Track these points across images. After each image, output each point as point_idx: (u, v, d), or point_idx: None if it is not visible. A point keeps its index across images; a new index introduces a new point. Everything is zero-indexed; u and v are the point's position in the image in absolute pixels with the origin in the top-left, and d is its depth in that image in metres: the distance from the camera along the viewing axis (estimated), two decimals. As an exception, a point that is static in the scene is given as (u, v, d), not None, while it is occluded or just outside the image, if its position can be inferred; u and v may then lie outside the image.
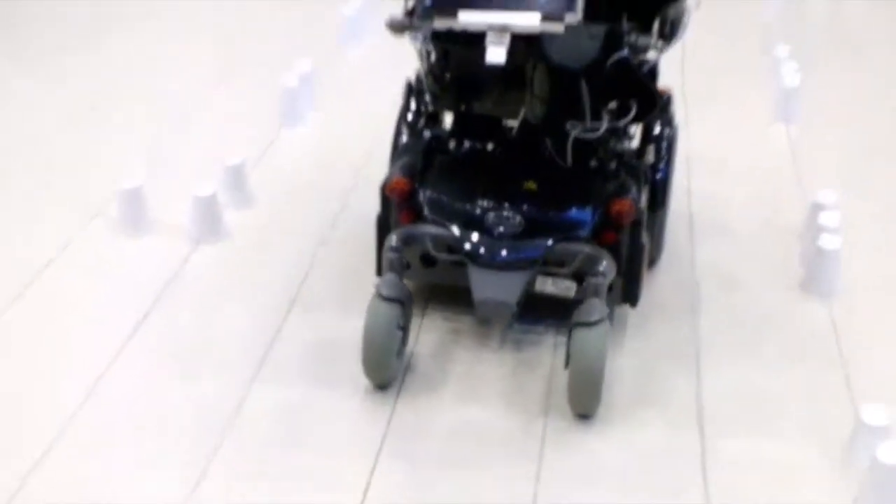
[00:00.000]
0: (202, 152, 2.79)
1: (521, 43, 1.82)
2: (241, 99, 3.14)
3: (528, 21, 1.78)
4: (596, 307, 1.85)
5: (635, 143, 2.22)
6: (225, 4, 3.93)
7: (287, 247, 2.40)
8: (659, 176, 2.20)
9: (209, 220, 2.43)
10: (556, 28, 1.78)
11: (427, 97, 2.15)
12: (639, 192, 2.03)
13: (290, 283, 2.25)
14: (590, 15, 1.81)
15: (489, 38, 1.78)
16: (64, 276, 2.26)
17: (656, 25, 2.01)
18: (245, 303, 2.18)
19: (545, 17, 1.78)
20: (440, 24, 1.83)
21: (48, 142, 2.87)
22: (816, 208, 2.42)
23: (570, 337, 1.84)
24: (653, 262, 2.27)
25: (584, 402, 1.87)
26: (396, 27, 1.93)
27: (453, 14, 1.80)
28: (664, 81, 2.20)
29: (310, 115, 3.03)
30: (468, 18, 1.80)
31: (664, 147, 2.23)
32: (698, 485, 1.69)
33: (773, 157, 2.84)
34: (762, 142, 2.92)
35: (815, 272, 2.27)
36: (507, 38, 1.77)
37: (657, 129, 2.23)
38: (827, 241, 2.26)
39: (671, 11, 2.02)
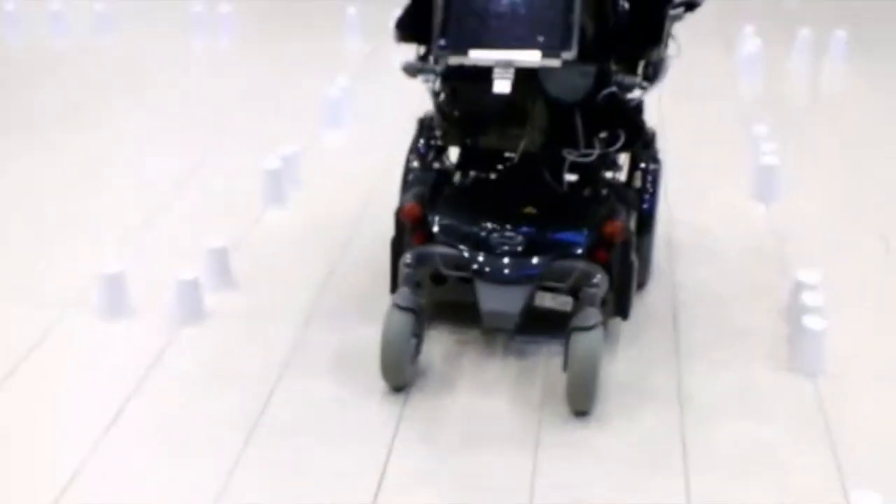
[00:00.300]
0: (184, 235, 2.78)
1: (523, 79, 2.03)
2: (224, 181, 3.14)
3: (530, 58, 2.02)
4: (591, 314, 2.08)
5: (624, 175, 2.43)
6: (210, 85, 3.96)
7: (270, 328, 2.38)
8: (645, 206, 2.43)
9: (191, 304, 2.41)
10: (554, 63, 2.02)
11: (437, 132, 2.38)
12: (628, 215, 2.26)
13: (273, 365, 2.23)
14: (581, 56, 2.04)
15: (496, 73, 2.01)
16: (45, 364, 2.23)
17: (640, 68, 2.28)
18: (228, 385, 2.15)
19: (544, 54, 2.01)
20: (454, 60, 2.07)
21: (32, 221, 2.86)
22: (799, 287, 2.44)
23: (568, 341, 2.07)
24: (642, 284, 2.49)
25: (582, 400, 2.08)
26: (410, 70, 2.20)
27: (465, 52, 2.04)
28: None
29: (293, 196, 3.03)
30: (478, 56, 2.04)
31: (649, 179, 2.46)
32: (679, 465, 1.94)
33: (753, 235, 2.85)
34: (742, 219, 2.94)
35: (800, 351, 2.26)
36: (511, 72, 2.01)
37: (643, 164, 2.47)
38: (811, 322, 2.26)
39: (653, 55, 2.26)
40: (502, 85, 2.01)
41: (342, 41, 4.36)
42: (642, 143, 2.44)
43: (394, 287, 2.27)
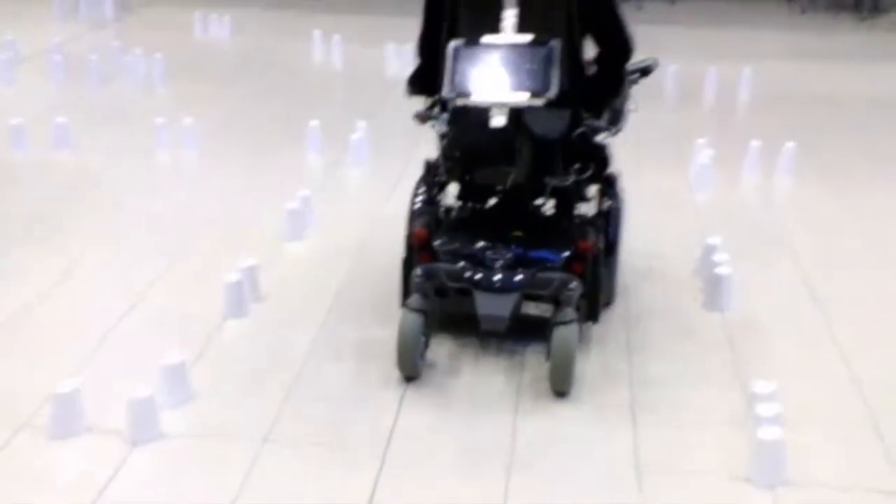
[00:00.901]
0: (142, 351, 2.74)
1: (513, 122, 2.54)
2: (183, 294, 3.12)
3: (520, 98, 2.53)
4: (569, 313, 2.56)
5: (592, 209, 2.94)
6: (171, 198, 3.97)
7: (227, 446, 2.33)
8: (610, 235, 2.93)
9: (146, 422, 2.37)
10: (539, 102, 2.53)
11: (440, 171, 2.82)
12: (597, 237, 2.77)
13: (230, 484, 2.17)
14: (558, 103, 2.55)
15: (493, 111, 2.54)
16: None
17: (605, 115, 2.81)
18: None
19: (532, 95, 2.53)
20: (461, 102, 2.58)
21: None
22: (755, 398, 2.45)
23: (550, 334, 2.54)
24: (608, 302, 2.98)
25: (561, 383, 2.56)
26: (422, 117, 2.77)
27: (468, 96, 2.57)
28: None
29: (253, 308, 3.02)
30: (479, 98, 2.56)
31: (613, 213, 2.97)
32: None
33: (707, 345, 2.87)
34: (696, 329, 2.97)
35: (760, 462, 2.26)
36: (506, 110, 2.53)
37: (609, 201, 2.98)
38: (768, 433, 2.27)
39: (616, 105, 2.86)
40: (499, 120, 2.53)
41: (304, 153, 4.42)
42: (608, 184, 2.98)
43: (404, 299, 2.72)
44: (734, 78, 5.45)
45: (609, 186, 2.99)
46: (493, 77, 2.57)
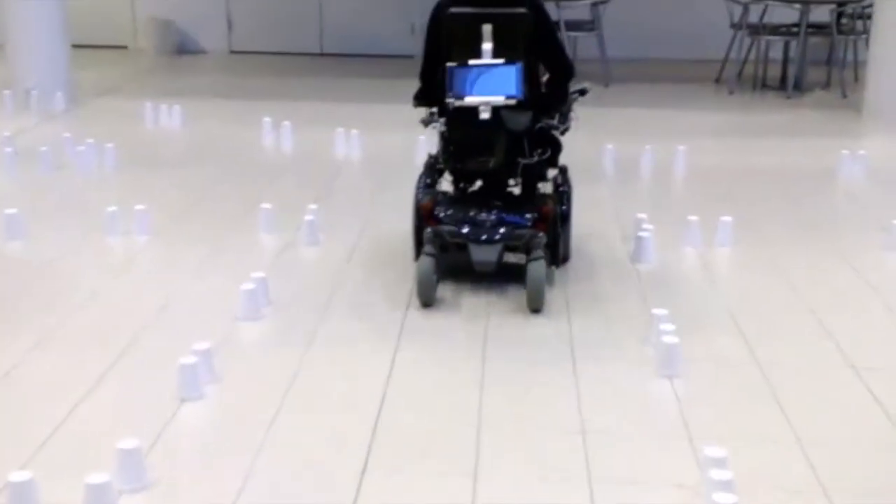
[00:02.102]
0: (98, 436, 2.74)
1: (494, 120, 3.58)
2: (138, 380, 3.13)
3: (497, 100, 3.58)
4: (538, 253, 3.61)
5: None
6: (124, 284, 3.99)
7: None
8: (563, 208, 3.97)
9: (104, 509, 2.36)
10: (511, 102, 3.58)
11: (440, 161, 3.91)
12: (555, 205, 3.82)
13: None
14: (523, 106, 3.62)
15: (481, 108, 3.58)
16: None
17: (556, 118, 3.88)
18: None
19: (506, 98, 3.58)
20: (458, 103, 3.59)
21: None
22: (708, 463, 2.53)
23: (526, 267, 3.61)
24: (566, 259, 4.05)
25: (535, 302, 3.60)
26: (426, 122, 3.87)
27: (463, 98, 3.59)
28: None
29: (209, 390, 3.04)
30: (471, 100, 3.59)
31: (565, 194, 4.04)
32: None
33: (658, 413, 2.96)
34: (647, 399, 3.06)
35: (712, 528, 2.33)
36: (490, 108, 3.57)
37: (562, 186, 4.04)
38: (721, 498, 2.35)
39: (563, 110, 3.91)
40: (485, 114, 3.58)
41: (257, 236, 4.48)
42: (562, 173, 4.07)
43: (417, 255, 3.74)
44: (669, 156, 5.67)
45: (563, 175, 4.09)
46: (479, 86, 3.59)
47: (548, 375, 3.17)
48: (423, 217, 3.78)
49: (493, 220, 3.71)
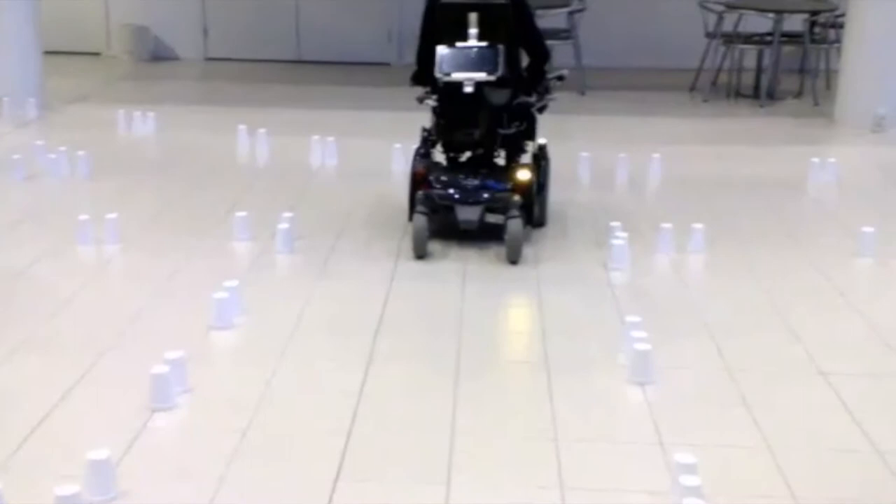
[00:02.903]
0: (67, 447, 2.72)
1: (477, 95, 4.20)
2: (109, 389, 3.11)
3: (479, 76, 4.18)
4: (514, 212, 4.16)
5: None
6: (96, 292, 3.96)
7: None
8: (541, 178, 4.55)
9: (73, 519, 2.35)
10: (491, 78, 4.19)
11: (433, 133, 4.49)
12: (532, 174, 4.38)
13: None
14: (502, 84, 4.22)
15: (465, 83, 4.17)
16: None
17: (534, 95, 4.50)
18: None
19: (486, 74, 4.18)
20: (447, 79, 4.20)
21: None
22: (678, 469, 2.55)
23: (504, 224, 4.16)
24: (541, 224, 4.60)
25: (514, 254, 4.17)
26: (420, 99, 4.39)
27: (450, 74, 4.20)
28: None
29: (180, 400, 3.02)
30: (457, 76, 4.20)
31: (543, 166, 4.64)
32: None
33: (630, 420, 2.98)
34: (619, 406, 3.07)
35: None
36: (473, 83, 4.17)
37: (542, 161, 4.65)
38: (692, 503, 2.37)
39: (539, 89, 4.54)
40: (468, 88, 4.18)
41: (231, 244, 4.47)
42: (540, 148, 4.67)
43: (411, 216, 4.28)
44: (644, 163, 5.71)
45: (541, 149, 4.69)
46: (464, 64, 4.19)
47: (521, 384, 3.18)
48: (417, 182, 4.34)
49: (476, 184, 4.28)
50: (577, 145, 5.80)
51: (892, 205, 5.22)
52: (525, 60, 4.56)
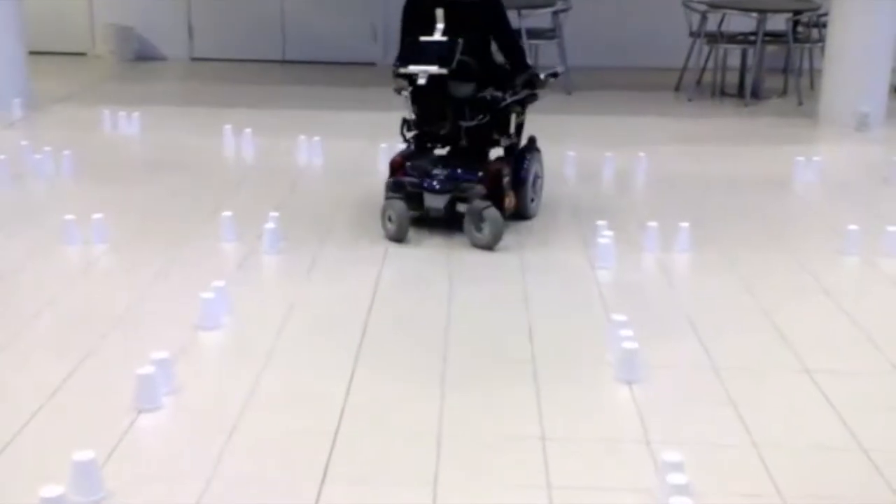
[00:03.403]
0: (52, 448, 2.71)
1: (441, 88, 4.32)
2: (95, 390, 3.10)
3: (432, 69, 4.27)
4: (486, 202, 4.35)
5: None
6: (82, 292, 3.95)
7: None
8: (521, 174, 4.68)
9: (59, 521, 2.34)
10: (443, 72, 4.27)
11: (409, 123, 4.60)
12: (501, 168, 4.52)
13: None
14: (467, 77, 4.36)
15: (419, 76, 4.30)
16: None
17: (509, 92, 4.55)
18: None
19: (439, 67, 4.27)
20: (402, 70, 4.35)
21: None
22: (665, 468, 2.56)
23: (481, 215, 4.35)
24: (524, 216, 4.76)
25: (495, 242, 4.36)
26: (398, 90, 4.48)
27: (406, 66, 4.35)
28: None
29: (167, 401, 3.01)
30: (413, 68, 4.32)
31: (527, 160, 4.73)
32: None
33: (617, 418, 2.99)
34: (606, 405, 3.08)
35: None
36: (426, 75, 4.28)
37: (527, 154, 4.77)
38: (678, 501, 2.38)
39: (516, 88, 4.58)
40: (422, 80, 4.31)
41: (217, 244, 4.45)
42: (530, 142, 4.84)
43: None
44: (629, 162, 5.73)
45: (530, 143, 4.80)
46: (420, 57, 4.32)
47: (508, 383, 3.19)
48: (394, 170, 4.55)
49: (446, 174, 4.46)
50: (563, 145, 5.81)
51: (877, 203, 5.26)
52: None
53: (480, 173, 4.42)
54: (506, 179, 4.49)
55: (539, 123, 5.00)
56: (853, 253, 4.43)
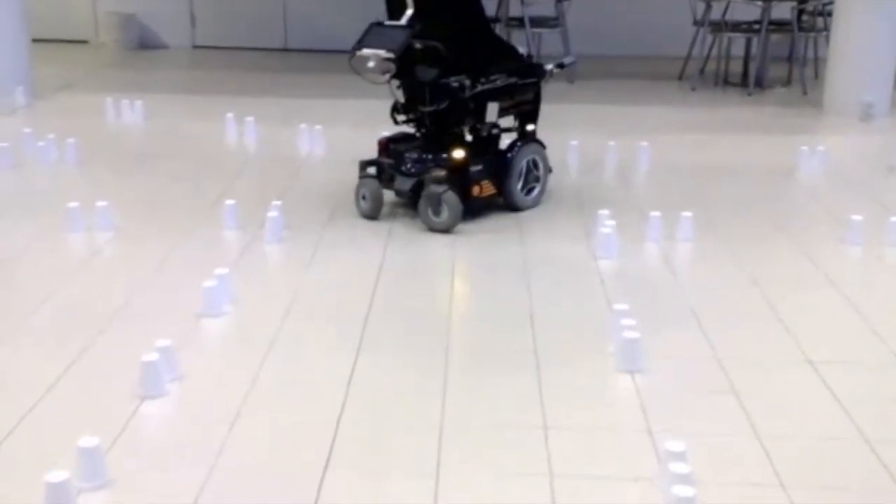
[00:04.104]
0: (56, 435, 2.71)
1: (408, 71, 4.44)
2: (98, 377, 3.10)
3: (380, 52, 4.32)
4: (435, 186, 4.40)
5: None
6: (84, 280, 3.95)
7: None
8: (507, 161, 4.69)
9: (63, 508, 2.34)
10: (391, 55, 4.30)
11: (399, 107, 4.68)
12: (464, 153, 4.48)
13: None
14: (434, 63, 4.44)
15: (370, 58, 4.36)
16: None
17: (480, 83, 4.54)
18: None
19: (387, 51, 4.31)
20: (358, 53, 4.39)
21: None
22: (667, 457, 2.56)
23: (440, 198, 4.40)
24: (515, 208, 4.77)
25: (453, 225, 4.44)
26: (357, 73, 4.49)
27: (360, 49, 4.39)
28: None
29: (170, 388, 3.02)
30: (365, 52, 4.37)
31: (517, 149, 4.74)
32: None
33: (619, 408, 2.99)
34: (608, 395, 3.08)
35: (671, 521, 2.37)
36: (377, 58, 4.33)
37: (519, 142, 4.77)
38: (680, 490, 2.38)
39: (487, 79, 4.57)
40: (371, 63, 4.35)
41: (220, 232, 4.46)
42: (524, 134, 4.84)
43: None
44: (632, 152, 5.72)
45: (528, 135, 4.81)
46: (374, 41, 4.38)
47: (509, 372, 3.19)
48: (380, 151, 4.68)
49: (416, 157, 4.51)
50: (565, 134, 5.80)
51: (882, 193, 5.25)
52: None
53: (444, 157, 4.46)
54: (475, 168, 4.49)
55: (541, 112, 4.99)
56: (857, 243, 4.42)
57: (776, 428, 2.87)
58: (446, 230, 4.39)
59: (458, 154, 4.45)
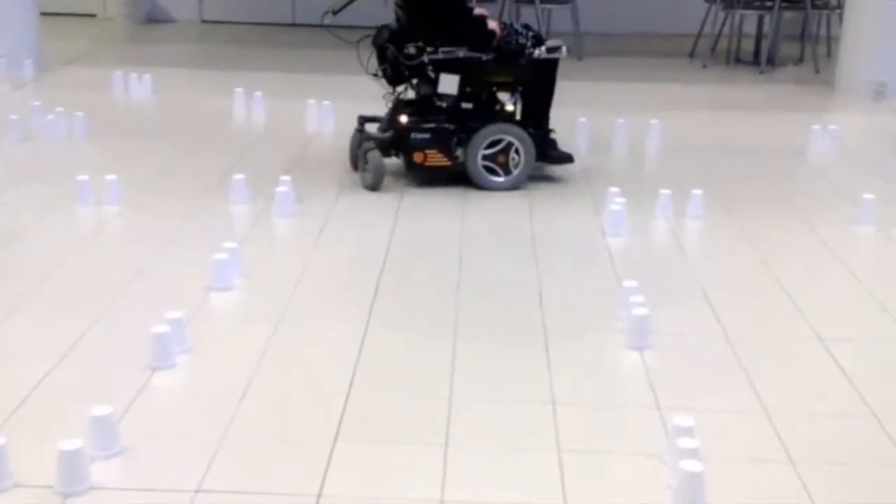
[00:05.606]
0: (69, 404, 2.73)
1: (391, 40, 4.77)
2: (110, 347, 3.12)
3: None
4: (366, 143, 4.70)
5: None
6: (95, 252, 3.96)
7: (160, 498, 2.34)
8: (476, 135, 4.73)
9: (76, 475, 2.36)
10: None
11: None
12: (410, 120, 4.67)
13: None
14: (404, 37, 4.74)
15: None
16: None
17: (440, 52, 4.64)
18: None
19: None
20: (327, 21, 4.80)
21: None
22: (676, 432, 2.56)
23: (367, 154, 4.65)
24: (514, 181, 4.74)
25: (377, 184, 4.64)
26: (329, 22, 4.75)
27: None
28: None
29: (181, 359, 3.03)
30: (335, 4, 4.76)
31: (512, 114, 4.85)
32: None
33: (627, 384, 3.00)
34: (617, 371, 3.09)
35: (682, 495, 2.37)
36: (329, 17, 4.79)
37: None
38: (689, 465, 2.39)
39: (446, 52, 4.64)
40: (326, 19, 4.84)
41: (229, 206, 4.46)
42: (506, 115, 4.81)
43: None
44: (642, 129, 5.69)
45: (507, 116, 4.78)
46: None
47: (518, 348, 3.20)
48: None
49: (388, 121, 4.74)
50: (574, 111, 5.78)
51: (893, 172, 5.22)
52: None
53: (389, 120, 4.68)
54: (420, 136, 4.59)
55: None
56: (868, 222, 4.41)
57: (785, 404, 2.87)
58: (369, 187, 4.58)
59: (401, 118, 4.61)
